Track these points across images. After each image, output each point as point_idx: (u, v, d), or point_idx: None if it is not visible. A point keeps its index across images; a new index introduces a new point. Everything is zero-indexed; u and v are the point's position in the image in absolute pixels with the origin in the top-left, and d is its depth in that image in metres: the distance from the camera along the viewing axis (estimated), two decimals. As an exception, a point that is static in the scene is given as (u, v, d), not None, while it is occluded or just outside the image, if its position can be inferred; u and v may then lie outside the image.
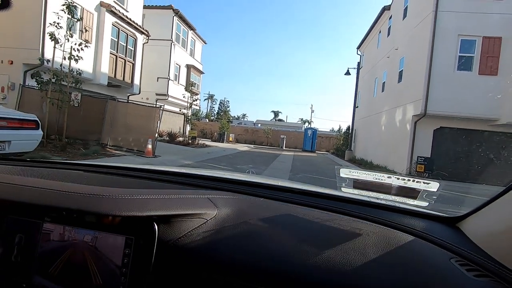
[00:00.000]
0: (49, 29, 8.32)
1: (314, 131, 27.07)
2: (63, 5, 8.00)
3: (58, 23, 7.74)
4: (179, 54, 20.29)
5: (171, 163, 8.65)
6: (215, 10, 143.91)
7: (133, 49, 14.90)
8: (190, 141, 17.23)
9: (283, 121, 59.83)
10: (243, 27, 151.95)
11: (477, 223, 0.68)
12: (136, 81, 15.38)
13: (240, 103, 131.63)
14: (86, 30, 10.76)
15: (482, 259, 0.58)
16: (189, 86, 19.19)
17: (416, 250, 0.64)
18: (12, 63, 9.98)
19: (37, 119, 5.32)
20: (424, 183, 0.80)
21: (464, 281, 0.54)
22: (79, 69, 9.39)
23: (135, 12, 15.11)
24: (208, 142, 20.51)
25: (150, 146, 9.09)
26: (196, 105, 20.67)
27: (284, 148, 26.11)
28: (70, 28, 8.07)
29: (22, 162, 1.11)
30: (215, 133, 25.24)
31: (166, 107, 17.92)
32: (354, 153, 18.67)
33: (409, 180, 0.83)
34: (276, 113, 67.54)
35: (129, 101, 11.63)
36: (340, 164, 15.12)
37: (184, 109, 18.68)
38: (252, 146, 25.32)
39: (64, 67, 8.44)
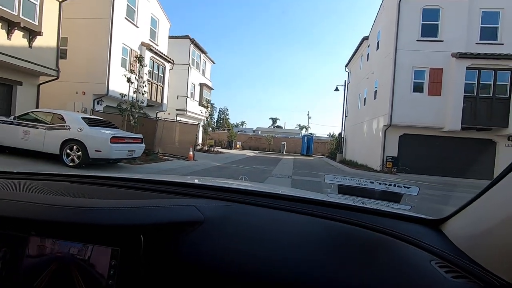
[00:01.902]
0: (121, 71, 11.88)
1: (311, 137, 30.74)
2: (136, 57, 11.58)
3: (132, 70, 11.30)
4: (194, 75, 23.92)
5: (207, 164, 12.12)
6: (213, 18, 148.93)
7: (162, 75, 18.49)
8: (207, 148, 20.72)
9: (281, 127, 62.87)
10: (241, 36, 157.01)
11: (457, 225, 0.70)
12: (165, 101, 18.94)
13: (238, 110, 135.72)
14: (150, 72, 14.40)
15: (461, 261, 0.59)
16: (205, 102, 22.88)
17: (398, 252, 0.65)
18: (84, 93, 13.50)
19: (142, 137, 8.82)
20: (404, 187, 0.81)
21: (442, 283, 0.55)
22: (139, 99, 12.93)
23: (163, 45, 18.79)
24: (220, 149, 24.03)
25: (191, 153, 12.60)
26: (207, 117, 24.38)
27: (285, 153, 29.70)
28: (139, 72, 11.64)
29: (9, 175, 1.08)
30: (224, 141, 28.74)
31: (184, 119, 21.48)
32: (344, 155, 22.21)
33: (390, 185, 0.83)
34: (274, 120, 70.34)
35: (172, 120, 15.19)
36: (332, 165, 18.69)
37: (200, 121, 22.30)
38: (257, 152, 28.84)
39: (131, 98, 11.97)
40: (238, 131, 39.76)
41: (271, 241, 0.67)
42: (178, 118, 19.90)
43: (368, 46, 18.65)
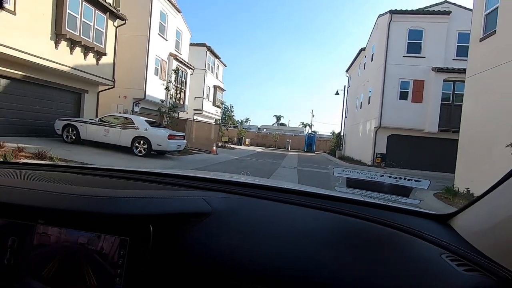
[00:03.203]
0: (155, 78, 14.65)
1: (313, 135, 33.48)
2: (173, 70, 14.35)
3: (170, 80, 14.07)
4: (209, 78, 26.67)
5: (228, 157, 14.90)
6: (224, 20, 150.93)
7: (184, 80, 21.25)
8: (222, 144, 23.53)
9: (285, 125, 65.07)
10: (249, 36, 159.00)
11: (466, 220, 0.70)
12: (186, 102, 21.73)
13: (242, 107, 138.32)
14: (184, 81, 17.22)
15: (472, 254, 0.59)
16: (219, 103, 25.67)
17: (408, 247, 0.65)
18: (126, 97, 16.30)
19: (184, 134, 11.61)
20: (415, 181, 0.81)
21: (454, 276, 0.55)
22: (172, 103, 15.71)
23: (185, 53, 21.54)
24: (232, 145, 26.84)
25: (214, 148, 15.40)
26: (222, 117, 27.34)
27: (289, 149, 32.47)
28: (176, 81, 14.42)
29: (16, 165, 1.10)
30: (235, 138, 31.56)
31: (200, 118, 24.32)
32: (343, 152, 24.91)
33: (400, 178, 0.82)
34: (278, 118, 72.02)
35: (199, 121, 18.00)
36: (331, 160, 21.42)
37: (213, 120, 25.16)
38: (264, 148, 31.62)
39: (168, 103, 14.75)
40: (243, 128, 42.39)
41: (278, 234, 0.66)
42: (195, 117, 22.91)
43: (365, 57, 21.25)
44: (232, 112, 37.28)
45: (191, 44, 24.66)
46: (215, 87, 28.08)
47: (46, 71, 10.08)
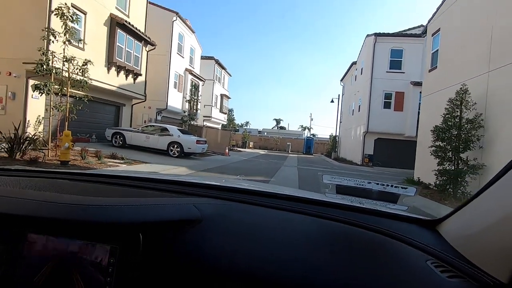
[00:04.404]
0: (174, 91, 17.46)
1: (312, 139, 36.37)
2: (193, 85, 17.16)
3: (190, 95, 16.84)
4: (216, 88, 29.52)
5: (238, 159, 17.64)
6: (225, 26, 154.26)
7: (197, 91, 24.10)
8: (230, 147, 26.31)
9: (285, 128, 67.54)
10: (251, 39, 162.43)
11: (453, 225, 0.71)
12: (199, 110, 24.56)
13: (242, 110, 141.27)
14: (197, 92, 20.07)
15: (457, 260, 0.60)
16: (225, 110, 28.50)
17: (394, 252, 0.66)
18: (150, 108, 19.09)
19: (206, 140, 14.39)
20: (402, 188, 0.82)
21: (437, 282, 0.56)
22: (190, 113, 18.50)
23: (197, 67, 24.40)
24: (238, 148, 29.63)
25: (227, 150, 18.17)
26: (224, 121, 30.25)
27: (290, 152, 35.29)
28: (196, 95, 17.21)
29: (7, 172, 1.10)
30: (239, 141, 34.38)
31: (209, 124, 27.13)
32: (338, 154, 27.72)
33: (387, 185, 0.83)
34: (278, 121, 74.03)
35: (213, 127, 20.82)
36: (327, 161, 24.21)
37: (220, 125, 27.98)
38: (266, 151, 34.43)
39: (187, 112, 17.53)
40: (243, 132, 45.10)
41: (269, 240, 0.67)
42: (205, 123, 25.77)
43: (356, 70, 24.15)
44: (233, 115, 40.02)
45: (201, 58, 27.58)
46: (222, 95, 30.94)
47: (100, 90, 12.86)
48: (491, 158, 6.85)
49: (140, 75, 15.13)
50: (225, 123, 30.64)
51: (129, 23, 13.54)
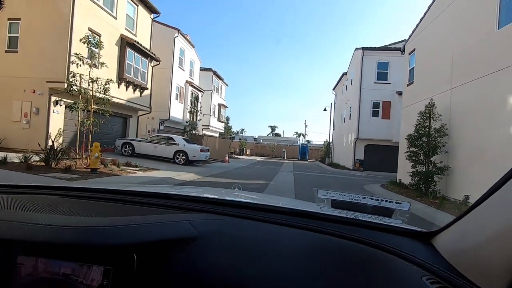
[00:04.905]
0: (175, 102, 18.69)
1: (306, 145, 37.75)
2: (195, 97, 18.40)
3: (192, 106, 18.05)
4: (215, 98, 30.81)
5: (237, 165, 18.79)
6: (218, 36, 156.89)
7: (197, 102, 25.34)
8: (229, 155, 27.47)
9: (280, 135, 69.01)
10: (245, 50, 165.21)
11: (447, 239, 0.71)
12: (197, 119, 25.77)
13: (238, 118, 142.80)
14: (197, 102, 21.31)
15: (452, 276, 0.60)
16: (223, 119, 29.75)
17: (390, 267, 0.66)
18: (153, 118, 20.23)
19: (208, 148, 15.57)
20: (396, 203, 0.83)
21: None
22: (191, 122, 19.69)
23: (196, 78, 25.70)
24: (236, 155, 30.80)
25: (227, 158, 19.33)
26: (222, 130, 31.53)
27: (285, 158, 36.55)
28: (196, 105, 18.43)
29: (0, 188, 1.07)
30: (237, 149, 35.57)
31: (207, 132, 28.34)
32: (332, 159, 29.06)
33: (382, 200, 0.84)
34: (273, 128, 74.79)
35: (212, 136, 21.98)
36: (321, 166, 25.48)
37: (218, 133, 29.20)
38: (263, 157, 35.65)
39: (189, 122, 18.72)
40: (239, 139, 46.29)
41: (264, 256, 0.67)
42: (204, 132, 26.97)
43: (346, 80, 25.70)
44: (230, 125, 41.29)
45: (200, 69, 28.93)
46: (219, 105, 32.22)
47: (111, 104, 13.99)
48: (454, 161, 8.18)
49: (146, 88, 16.35)
50: (223, 131, 31.93)
51: (138, 42, 14.81)
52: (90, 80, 8.99)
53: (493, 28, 6.84)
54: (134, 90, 15.47)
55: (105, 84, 9.35)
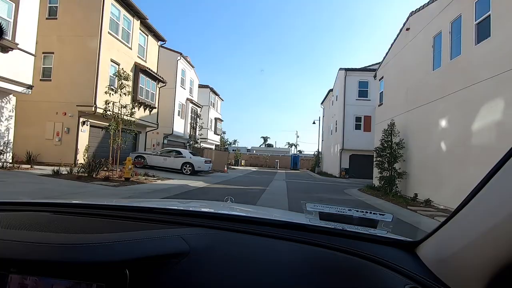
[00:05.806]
0: (178, 118, 20.82)
1: (298, 156, 40.17)
2: (197, 115, 20.58)
3: (194, 122, 20.18)
4: (211, 113, 33.05)
5: (236, 175, 20.83)
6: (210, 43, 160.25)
7: (196, 116, 27.50)
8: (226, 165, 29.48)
9: (272, 145, 71.02)
10: (236, 61, 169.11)
11: (429, 248, 0.73)
12: (198, 134, 27.87)
13: (231, 128, 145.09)
14: (196, 117, 23.50)
15: (434, 284, 0.61)
16: (219, 132, 31.92)
17: (375, 276, 0.68)
18: (158, 133, 22.25)
19: (211, 159, 17.63)
20: (380, 214, 0.86)
21: None
22: (193, 136, 21.74)
23: (195, 95, 27.94)
24: (232, 166, 32.83)
25: (226, 168, 21.39)
26: (218, 142, 33.71)
27: (278, 168, 38.75)
28: (196, 121, 20.57)
29: None
30: (232, 160, 37.64)
31: (204, 145, 30.39)
32: (321, 168, 31.39)
33: (366, 212, 0.87)
34: (265, 139, 76.26)
35: (211, 148, 24.07)
36: (311, 175, 27.72)
37: (214, 146, 31.30)
38: (257, 167, 37.75)
39: (191, 136, 20.78)
40: (233, 150, 48.21)
41: (255, 270, 0.68)
42: (201, 144, 28.98)
43: (333, 96, 28.34)
44: (225, 138, 43.37)
45: (199, 86, 31.23)
46: (215, 119, 34.45)
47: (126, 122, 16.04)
48: (410, 167, 10.52)
49: (155, 107, 18.46)
50: (219, 143, 34.10)
51: (149, 69, 17.02)
52: (120, 106, 11.07)
53: (430, 69, 9.32)
54: (145, 109, 17.56)
55: (132, 109, 11.44)
